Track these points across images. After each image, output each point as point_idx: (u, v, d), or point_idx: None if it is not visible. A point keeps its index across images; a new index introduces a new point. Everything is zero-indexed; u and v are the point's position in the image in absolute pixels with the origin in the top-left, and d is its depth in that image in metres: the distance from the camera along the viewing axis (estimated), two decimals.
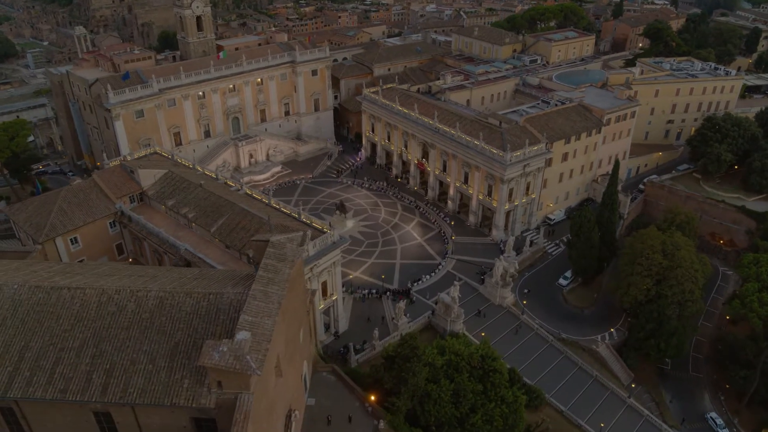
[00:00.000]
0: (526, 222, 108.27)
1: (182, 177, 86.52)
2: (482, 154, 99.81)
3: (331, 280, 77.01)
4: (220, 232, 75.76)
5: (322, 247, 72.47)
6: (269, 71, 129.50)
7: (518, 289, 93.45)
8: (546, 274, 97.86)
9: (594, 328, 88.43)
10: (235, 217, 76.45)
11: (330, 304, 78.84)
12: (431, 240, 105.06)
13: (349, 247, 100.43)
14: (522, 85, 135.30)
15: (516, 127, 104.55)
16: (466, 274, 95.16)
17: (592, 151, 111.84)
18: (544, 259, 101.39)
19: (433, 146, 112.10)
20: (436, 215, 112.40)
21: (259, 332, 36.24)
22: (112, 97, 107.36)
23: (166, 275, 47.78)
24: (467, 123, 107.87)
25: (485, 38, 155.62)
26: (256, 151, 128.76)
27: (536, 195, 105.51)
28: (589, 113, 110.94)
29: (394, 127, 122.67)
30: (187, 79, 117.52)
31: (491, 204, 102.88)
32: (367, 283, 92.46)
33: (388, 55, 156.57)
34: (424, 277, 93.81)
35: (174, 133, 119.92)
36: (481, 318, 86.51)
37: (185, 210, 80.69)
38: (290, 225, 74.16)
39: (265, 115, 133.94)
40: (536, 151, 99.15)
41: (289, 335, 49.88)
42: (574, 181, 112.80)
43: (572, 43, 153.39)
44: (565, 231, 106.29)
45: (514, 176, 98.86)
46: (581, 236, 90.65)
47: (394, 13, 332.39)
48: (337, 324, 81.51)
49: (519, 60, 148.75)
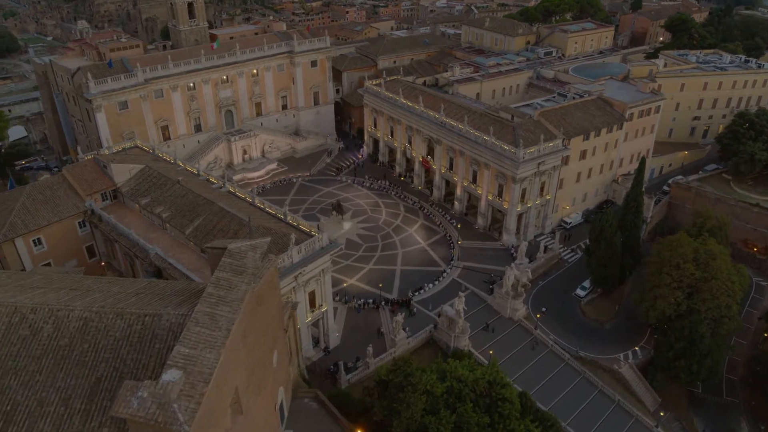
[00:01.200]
0: (540, 226, 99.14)
1: (160, 173, 78.43)
2: (492, 151, 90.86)
3: (319, 290, 68.47)
4: (195, 234, 67.51)
5: (309, 252, 63.94)
6: (265, 62, 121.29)
7: (531, 300, 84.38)
8: (562, 283, 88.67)
9: (615, 345, 79.13)
10: (213, 217, 68.19)
11: (319, 316, 70.30)
12: (436, 244, 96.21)
13: (346, 251, 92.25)
14: (536, 79, 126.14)
15: (529, 121, 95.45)
16: (474, 282, 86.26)
17: (613, 148, 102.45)
18: (560, 267, 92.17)
19: (439, 142, 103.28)
20: (441, 217, 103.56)
21: (195, 370, 27.68)
22: (92, 87, 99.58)
23: (106, 288, 39.41)
24: (476, 117, 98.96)
25: (497, 29, 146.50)
26: (250, 147, 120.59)
27: (551, 196, 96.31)
28: (609, 107, 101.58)
29: (397, 122, 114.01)
30: (175, 68, 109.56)
31: (502, 206, 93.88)
32: (364, 292, 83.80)
33: (393, 47, 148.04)
34: (427, 286, 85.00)
35: (162, 126, 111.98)
36: (489, 333, 77.56)
37: (159, 209, 72.52)
38: (273, 227, 65.78)
39: (260, 108, 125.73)
40: (552, 147, 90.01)
41: (256, 361, 41.35)
42: (593, 181, 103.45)
43: (590, 35, 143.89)
44: (583, 236, 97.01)
45: (527, 175, 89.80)
46: (602, 242, 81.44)
47: (403, 8, 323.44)
48: (327, 338, 72.95)
49: (532, 52, 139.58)
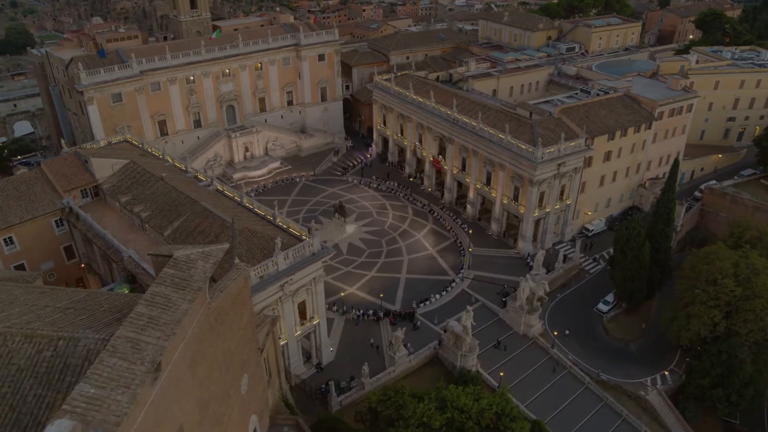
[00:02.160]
0: (559, 233, 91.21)
1: (144, 169, 72.44)
2: (508, 150, 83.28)
3: (311, 300, 61.61)
4: (174, 236, 61.16)
5: (298, 259, 57.12)
6: (269, 54, 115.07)
7: (548, 315, 76.53)
8: (582, 297, 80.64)
9: (641, 369, 70.91)
10: (195, 218, 61.80)
11: (310, 329, 63.39)
12: (445, 251, 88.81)
13: (347, 257, 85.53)
14: (557, 75, 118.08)
15: (549, 118, 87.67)
16: (485, 294, 78.74)
17: (640, 149, 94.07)
18: (580, 279, 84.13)
19: (451, 141, 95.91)
20: (452, 222, 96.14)
21: (99, 418, 20.87)
22: (84, 78, 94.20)
23: (34, 300, 32.93)
24: (491, 114, 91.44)
25: (516, 24, 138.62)
26: (252, 144, 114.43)
27: (572, 200, 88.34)
28: (637, 105, 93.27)
29: (407, 119, 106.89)
30: (173, 60, 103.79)
31: (518, 210, 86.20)
32: (364, 302, 76.75)
33: (406, 42, 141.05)
34: (433, 297, 77.67)
35: (159, 121, 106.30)
36: (500, 351, 69.95)
37: (139, 208, 66.39)
38: (259, 230, 59.12)
39: (264, 104, 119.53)
40: (573, 147, 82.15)
41: (213, 392, 34.61)
42: (618, 185, 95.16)
43: (615, 30, 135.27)
44: (606, 245, 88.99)
45: (546, 177, 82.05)
46: (628, 252, 73.36)
47: (421, 7, 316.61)
48: (320, 354, 66.01)
49: (554, 48, 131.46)
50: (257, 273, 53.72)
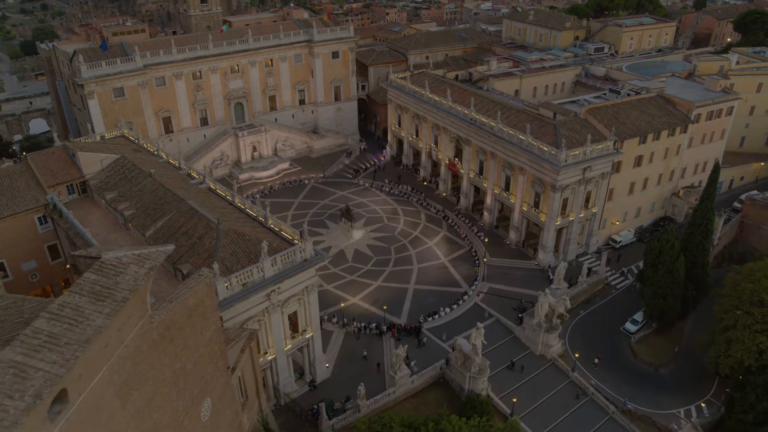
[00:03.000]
0: (584, 244, 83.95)
1: (134, 165, 67.68)
2: (529, 152, 76.57)
3: (303, 312, 55.75)
4: (156, 236, 56.00)
5: (288, 265, 51.34)
6: (281, 51, 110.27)
7: (569, 334, 69.40)
8: (607, 314, 73.24)
9: (673, 398, 63.16)
10: (180, 218, 56.59)
11: (303, 343, 57.49)
12: (458, 260, 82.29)
13: (352, 264, 79.74)
14: (584, 76, 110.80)
15: (575, 119, 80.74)
16: (500, 309, 71.97)
17: (675, 155, 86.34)
18: (606, 295, 76.74)
19: (468, 142, 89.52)
20: (467, 229, 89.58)
21: None
22: (84, 71, 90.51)
23: None
24: (512, 113, 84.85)
25: (541, 23, 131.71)
26: (260, 144, 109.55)
27: (598, 209, 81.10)
28: (672, 107, 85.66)
29: (422, 119, 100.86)
30: (179, 54, 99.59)
31: (538, 218, 79.32)
32: (367, 314, 70.69)
33: (426, 41, 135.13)
34: (443, 311, 71.19)
35: (164, 118, 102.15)
36: (515, 373, 63.07)
37: (123, 206, 61.51)
38: (247, 232, 53.56)
39: (275, 102, 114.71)
40: (601, 150, 75.10)
41: (158, 424, 29.02)
42: (649, 193, 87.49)
43: (648, 30, 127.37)
44: (635, 258, 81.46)
45: (570, 182, 75.14)
46: (660, 266, 65.99)
47: (446, 11, 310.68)
48: (313, 370, 60.04)
49: (581, 48, 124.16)
50: (240, 280, 48.12)
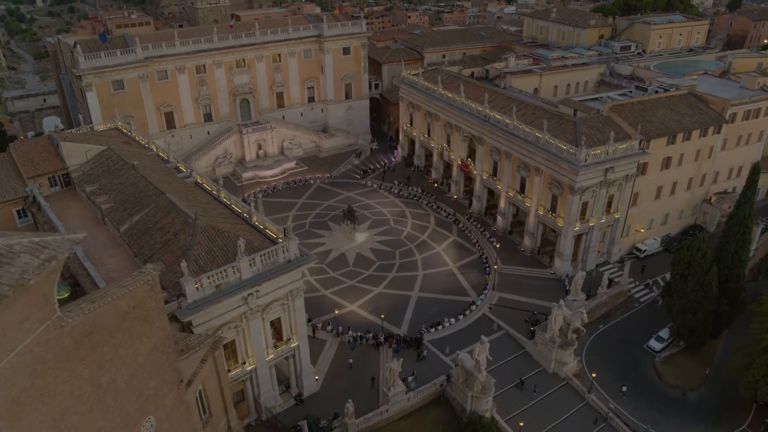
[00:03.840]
0: (605, 252, 77.37)
1: (120, 157, 63.52)
2: (545, 151, 70.54)
3: (287, 318, 50.53)
4: (131, 232, 51.46)
5: (269, 266, 46.22)
6: (289, 45, 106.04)
7: (586, 351, 62.95)
8: (630, 330, 66.53)
9: (703, 426, 56.23)
10: (157, 212, 52.00)
11: (287, 353, 52.24)
12: (468, 267, 76.41)
13: (353, 269, 74.56)
14: (608, 75, 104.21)
15: (596, 116, 74.49)
16: (510, 321, 65.86)
17: (706, 157, 79.39)
18: (628, 308, 70.02)
19: (482, 141, 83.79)
20: (479, 234, 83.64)
21: None
22: (82, 62, 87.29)
23: None
24: (528, 110, 78.96)
25: (565, 21, 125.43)
26: (265, 142, 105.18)
27: (621, 214, 74.53)
28: (704, 105, 78.79)
29: (435, 117, 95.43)
30: (182, 47, 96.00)
31: (555, 223, 73.12)
32: (364, 323, 65.22)
33: (443, 39, 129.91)
34: (447, 321, 65.34)
35: (165, 113, 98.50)
36: (524, 392, 56.90)
37: (101, 199, 57.24)
38: (226, 228, 48.62)
39: (282, 99, 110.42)
40: (625, 150, 68.71)
41: None
42: (678, 198, 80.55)
43: (678, 28, 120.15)
44: (662, 269, 74.79)
45: (591, 184, 68.87)
46: (689, 278, 59.32)
47: (469, 15, 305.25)
48: (300, 383, 54.72)
49: (606, 47, 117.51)
50: (212, 280, 43.14)
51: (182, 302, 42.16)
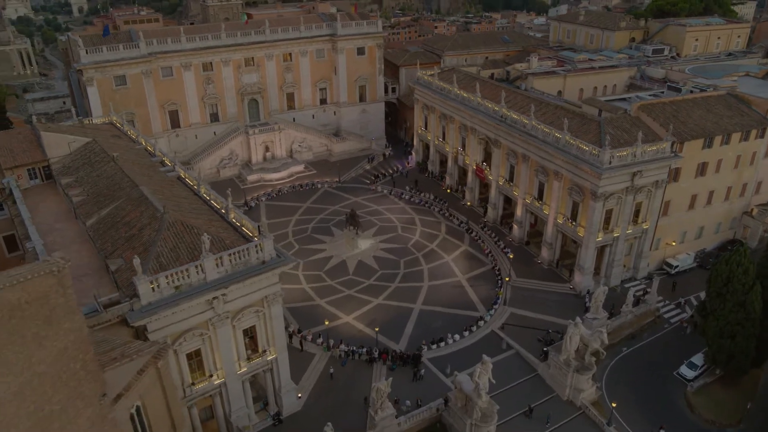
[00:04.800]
0: (631, 267, 70.04)
1: (102, 149, 59.49)
2: (565, 153, 64.03)
3: (263, 327, 44.99)
4: (97, 226, 46.88)
5: (239, 266, 40.87)
6: (300, 44, 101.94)
7: (606, 376, 55.69)
8: (657, 354, 58.94)
9: None
10: (127, 205, 47.38)
11: (263, 366, 46.61)
12: (478, 280, 69.95)
13: (352, 277, 69.02)
14: (639, 78, 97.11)
15: (623, 116, 67.72)
16: (522, 339, 59.10)
17: (748, 164, 71.63)
18: (656, 330, 62.41)
19: (498, 144, 77.66)
20: (493, 244, 77.17)
21: None
22: (83, 56, 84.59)
23: None
24: (548, 110, 72.66)
25: (593, 23, 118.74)
26: (273, 144, 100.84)
27: (650, 225, 67.26)
28: (745, 107, 71.23)
29: (450, 120, 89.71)
30: (189, 43, 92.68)
31: (575, 233, 66.28)
32: (358, 336, 59.29)
33: (464, 42, 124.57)
34: (450, 338, 58.91)
35: (170, 111, 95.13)
36: (533, 421, 50.02)
37: (75, 192, 53.04)
38: (196, 224, 43.51)
39: (293, 100, 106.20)
40: (654, 152, 61.75)
41: None
42: (715, 209, 72.80)
43: (716, 31, 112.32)
44: (696, 287, 67.15)
45: (615, 190, 62.03)
46: (728, 297, 51.84)
47: (497, 26, 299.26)
48: (279, 401, 48.99)
49: (638, 50, 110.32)
50: (172, 280, 37.97)
51: (135, 304, 37.06)
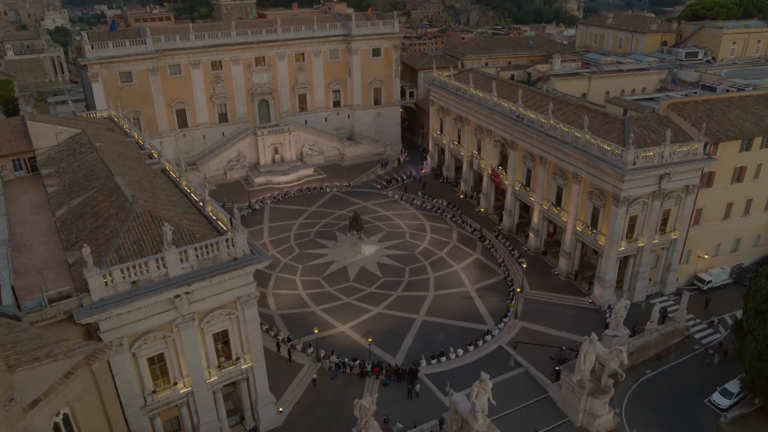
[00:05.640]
0: (658, 281, 63.72)
1: (89, 140, 56.50)
2: (586, 153, 58.58)
3: (236, 332, 40.58)
4: (65, 217, 43.42)
5: (208, 263, 36.66)
6: (314, 44, 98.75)
7: (627, 402, 49.52)
8: (686, 379, 52.50)
9: None
10: (98, 195, 43.88)
11: (237, 375, 42.12)
12: (488, 290, 64.54)
13: (353, 284, 64.50)
14: (671, 82, 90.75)
15: (651, 115, 61.96)
16: (533, 357, 53.44)
17: None
18: (685, 351, 55.88)
19: (514, 146, 72.52)
20: (506, 254, 71.76)
21: None
22: (89, 51, 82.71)
23: None
24: (568, 110, 67.36)
25: (622, 26, 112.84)
26: (282, 146, 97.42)
27: (680, 235, 61.03)
28: None
29: (465, 122, 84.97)
30: (197, 41, 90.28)
31: (596, 241, 60.49)
32: (354, 348, 54.42)
33: (487, 46, 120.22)
34: (453, 353, 53.61)
35: (177, 110, 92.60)
36: None
37: (52, 182, 49.94)
38: (169, 216, 39.56)
39: (305, 102, 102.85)
40: (685, 154, 55.85)
41: None
42: (753, 220, 66.01)
43: (756, 34, 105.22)
44: (731, 305, 60.46)
45: (640, 194, 56.25)
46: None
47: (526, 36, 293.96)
48: (256, 414, 44.38)
49: (669, 53, 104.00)
50: (128, 275, 33.97)
51: (84, 299, 33.12)
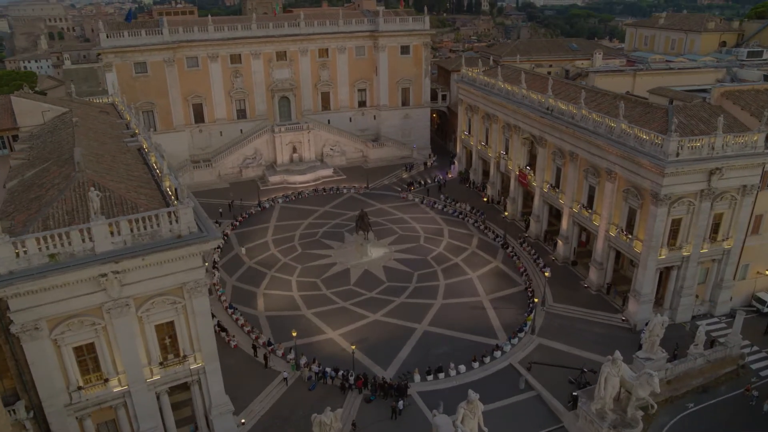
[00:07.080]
0: (707, 299, 54.34)
1: (72, 119, 52.88)
2: (621, 145, 50.62)
3: (182, 324, 34.78)
4: (15, 188, 39.17)
5: (145, 239, 31.17)
6: (338, 39, 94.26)
7: None
8: (739, 415, 43.16)
9: None
10: (52, 167, 39.55)
11: (186, 376, 36.20)
12: (504, 302, 56.80)
13: (353, 287, 58.44)
14: (729, 81, 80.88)
15: (700, 105, 53.36)
16: (548, 379, 45.34)
17: None
18: (738, 383, 46.28)
19: (543, 142, 64.98)
20: (530, 262, 63.85)
21: None
22: (104, 40, 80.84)
23: None
24: (604, 101, 59.47)
25: (675, 26, 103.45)
26: (301, 145, 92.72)
27: (735, 244, 51.77)
28: None
29: (493, 119, 77.97)
30: (216, 33, 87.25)
31: (632, 248, 52.04)
32: (337, 356, 47.76)
33: (527, 49, 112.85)
34: (453, 369, 46.12)
35: (194, 104, 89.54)
36: None
37: (17, 156, 46.19)
38: (117, 188, 34.55)
39: (329, 101, 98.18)
40: (741, 146, 47.15)
41: None
42: None
43: None
44: None
45: (685, 192, 47.78)
46: None
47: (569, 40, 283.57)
48: (211, 424, 38.26)
49: (729, 53, 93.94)
50: (45, 246, 28.85)
51: None
